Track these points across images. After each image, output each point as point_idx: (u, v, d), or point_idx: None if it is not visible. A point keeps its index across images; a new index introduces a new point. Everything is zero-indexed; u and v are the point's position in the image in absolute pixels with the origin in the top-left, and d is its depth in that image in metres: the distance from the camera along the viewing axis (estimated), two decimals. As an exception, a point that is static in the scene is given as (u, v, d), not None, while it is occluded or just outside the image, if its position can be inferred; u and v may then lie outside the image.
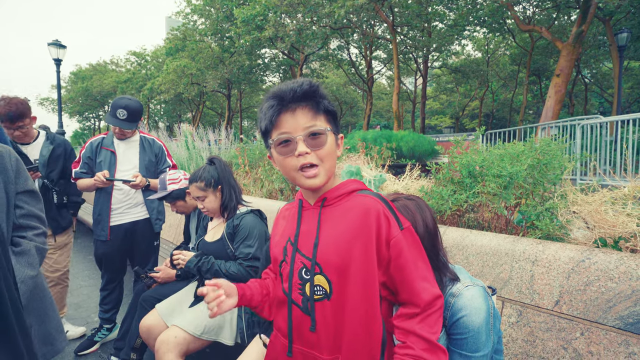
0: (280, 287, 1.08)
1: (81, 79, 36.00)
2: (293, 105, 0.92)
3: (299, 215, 1.07)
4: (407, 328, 0.94)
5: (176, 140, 7.29)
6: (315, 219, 1.02)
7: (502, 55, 26.14)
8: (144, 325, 2.00)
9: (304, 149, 0.92)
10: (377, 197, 1.00)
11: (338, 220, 0.99)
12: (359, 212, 0.97)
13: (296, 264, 1.02)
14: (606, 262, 1.48)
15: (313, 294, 0.97)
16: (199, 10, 21.25)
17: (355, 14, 15.95)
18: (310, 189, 1.00)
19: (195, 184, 2.09)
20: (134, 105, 2.59)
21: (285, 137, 0.93)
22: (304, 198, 1.09)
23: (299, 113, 0.93)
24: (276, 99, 0.93)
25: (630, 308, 1.36)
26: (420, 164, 3.55)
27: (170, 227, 4.63)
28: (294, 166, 0.94)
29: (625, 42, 11.74)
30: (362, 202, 0.98)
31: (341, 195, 1.01)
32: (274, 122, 0.94)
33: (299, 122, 0.92)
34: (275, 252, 1.11)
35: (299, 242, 1.03)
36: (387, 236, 0.95)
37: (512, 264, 1.75)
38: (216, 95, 31.41)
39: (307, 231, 1.02)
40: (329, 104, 0.97)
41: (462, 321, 1.12)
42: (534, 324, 1.61)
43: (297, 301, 1.00)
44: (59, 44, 11.91)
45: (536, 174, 2.26)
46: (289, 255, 1.04)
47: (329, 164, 0.97)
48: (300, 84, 0.92)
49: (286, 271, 1.04)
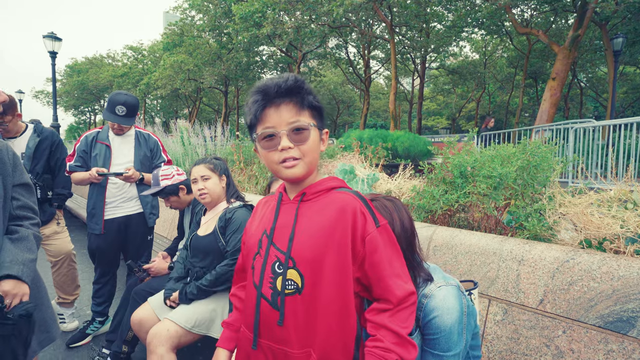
0: (251, 280, 1.06)
1: (77, 72, 35.70)
2: (277, 101, 0.93)
3: (277, 208, 1.06)
4: (378, 322, 0.96)
5: (172, 136, 7.28)
6: (293, 213, 1.02)
7: (500, 58, 26.26)
8: (136, 318, 2.02)
9: (287, 143, 0.93)
10: (355, 195, 1.02)
11: (315, 216, 0.99)
12: (335, 208, 0.98)
13: (270, 257, 1.01)
14: (589, 262, 1.52)
15: (285, 288, 0.97)
16: (197, 6, 21.14)
17: (354, 13, 15.96)
18: (289, 180, 1.01)
19: (204, 164, 2.14)
20: (131, 101, 2.60)
21: (269, 131, 0.94)
22: (284, 192, 1.09)
23: (283, 108, 0.94)
24: (261, 94, 0.94)
25: (610, 307, 1.40)
26: (414, 164, 3.58)
27: (164, 222, 4.64)
28: (277, 159, 0.95)
29: (620, 47, 11.85)
30: (339, 198, 1.00)
31: (320, 191, 1.02)
32: (259, 116, 0.95)
33: (282, 117, 0.93)
34: (250, 243, 1.11)
35: (274, 235, 1.03)
36: (363, 232, 0.96)
37: (500, 263, 1.79)
38: (213, 91, 31.32)
39: (284, 225, 1.02)
40: (314, 99, 0.97)
41: (434, 322, 1.13)
42: (518, 322, 1.65)
43: (267, 295, 0.99)
44: (54, 36, 11.81)
45: (525, 175, 2.30)
46: (264, 248, 1.03)
47: (310, 158, 0.97)
48: (285, 79, 0.93)
49: (259, 264, 1.03)
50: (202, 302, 1.98)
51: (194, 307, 1.94)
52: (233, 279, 1.28)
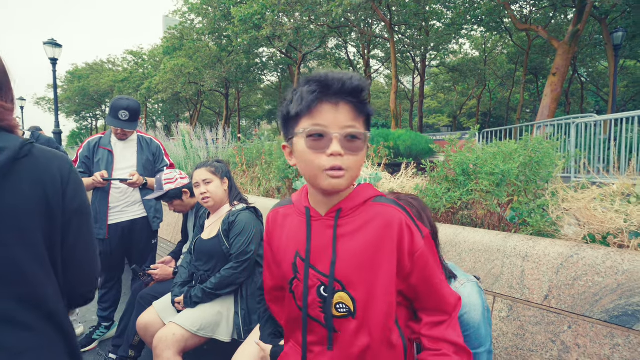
0: (294, 304, 0.99)
1: (77, 78, 35.84)
2: (337, 98, 0.82)
3: (308, 226, 0.95)
4: (437, 336, 0.93)
5: (174, 140, 7.31)
6: (330, 233, 0.92)
7: (500, 54, 26.19)
8: (142, 323, 2.03)
9: (339, 149, 0.82)
10: (396, 205, 0.93)
11: (357, 234, 0.91)
12: (380, 224, 0.90)
13: (311, 280, 0.93)
14: (594, 257, 1.52)
15: (330, 310, 0.91)
16: (197, 9, 21.20)
17: (353, 13, 15.96)
18: (328, 192, 0.89)
19: (205, 168, 2.14)
20: (134, 106, 2.62)
21: (321, 130, 0.82)
22: (311, 206, 0.97)
23: (342, 108, 0.83)
24: (320, 85, 0.82)
25: (615, 301, 1.40)
26: (416, 163, 3.58)
27: (168, 226, 4.65)
28: (321, 165, 0.83)
29: (620, 41, 11.81)
30: (381, 212, 0.91)
31: (357, 205, 0.93)
32: (312, 109, 0.82)
33: (339, 118, 0.82)
34: (283, 267, 1.01)
35: (311, 257, 0.93)
36: (411, 248, 0.89)
37: (504, 260, 1.79)
38: (214, 94, 31.37)
39: (321, 246, 0.93)
40: (371, 108, 0.88)
41: (463, 319, 1.15)
42: (524, 318, 1.65)
43: (320, 319, 0.94)
44: (54, 43, 11.87)
45: (528, 171, 2.30)
46: (301, 272, 0.95)
47: (356, 172, 0.87)
48: (350, 77, 0.82)
49: (299, 289, 0.96)
50: (207, 305, 1.99)
51: (200, 310, 1.95)
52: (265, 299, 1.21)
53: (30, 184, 0.78)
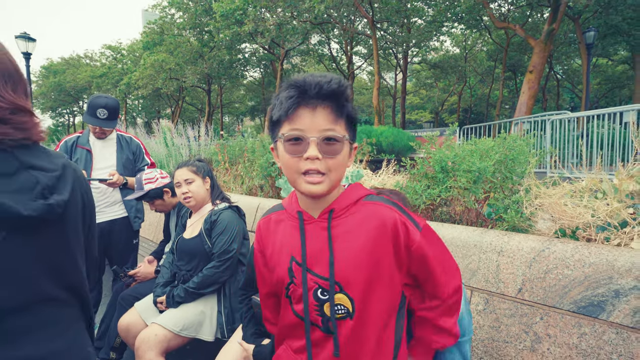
0: (290, 310, 0.99)
1: (53, 73, 34.65)
2: (314, 102, 0.83)
3: (301, 230, 0.95)
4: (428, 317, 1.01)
5: (155, 137, 7.18)
6: (325, 235, 0.93)
7: (479, 52, 26.72)
8: (123, 324, 2.01)
9: (315, 153, 0.83)
10: (388, 203, 0.94)
11: (351, 234, 0.92)
12: (374, 224, 0.91)
13: (309, 284, 0.94)
14: (563, 251, 1.59)
15: (334, 313, 0.92)
16: (177, 4, 20.79)
17: (336, 10, 15.97)
18: (308, 196, 0.90)
19: (187, 167, 2.13)
20: (112, 104, 2.57)
21: (298, 134, 0.83)
22: (302, 209, 0.97)
23: (320, 112, 0.84)
24: (297, 90, 0.83)
25: (582, 293, 1.48)
26: (397, 159, 3.64)
27: (150, 226, 4.59)
28: (298, 168, 0.85)
29: (592, 40, 12.22)
30: (374, 211, 0.92)
31: (349, 205, 0.94)
32: (290, 114, 0.84)
33: (316, 122, 0.83)
34: (278, 273, 1.00)
35: (307, 261, 0.94)
36: (408, 243, 0.91)
37: (480, 255, 1.85)
38: (196, 90, 30.90)
39: (317, 249, 0.93)
40: (352, 108, 0.88)
41: None
42: (499, 311, 1.72)
43: (317, 322, 0.94)
44: (27, 36, 11.44)
45: (503, 168, 2.37)
46: (298, 277, 0.95)
47: (336, 174, 0.87)
48: (328, 80, 0.83)
49: (297, 293, 0.96)
50: (190, 304, 1.99)
51: (182, 310, 1.95)
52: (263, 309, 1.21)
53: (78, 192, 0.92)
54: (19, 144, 0.81)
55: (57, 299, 0.86)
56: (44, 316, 0.83)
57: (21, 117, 0.84)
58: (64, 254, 0.87)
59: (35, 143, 0.87)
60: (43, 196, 0.79)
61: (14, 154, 0.80)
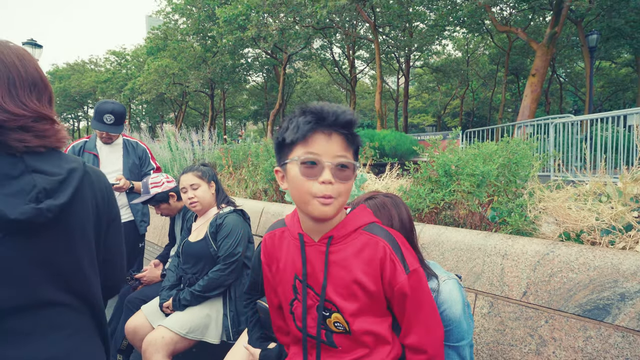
0: (293, 325, 1.07)
1: (58, 78, 34.99)
2: (330, 129, 0.88)
3: (302, 252, 1.01)
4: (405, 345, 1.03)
5: (159, 142, 7.23)
6: (321, 259, 0.99)
7: (482, 55, 26.73)
8: (130, 327, 2.03)
9: (329, 177, 0.87)
10: (384, 237, 0.98)
11: (347, 262, 0.97)
12: (367, 256, 0.96)
13: (310, 300, 1.02)
14: (568, 254, 1.60)
15: (335, 328, 1.01)
16: (180, 10, 20.96)
17: (338, 14, 16.04)
18: (317, 218, 0.94)
19: (192, 172, 2.14)
20: (119, 109, 2.61)
21: (313, 157, 0.88)
22: (304, 232, 1.02)
23: (334, 139, 0.89)
24: (315, 116, 0.88)
25: (588, 296, 1.48)
26: (401, 163, 3.65)
27: (154, 229, 4.62)
28: (312, 191, 0.88)
29: (595, 43, 12.22)
30: (369, 244, 0.97)
31: (347, 234, 0.98)
32: (307, 138, 0.88)
33: (331, 148, 0.88)
34: (284, 288, 1.08)
35: (308, 279, 1.01)
36: (391, 280, 0.95)
37: (484, 258, 1.86)
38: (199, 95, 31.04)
39: (316, 269, 1.00)
40: (360, 140, 0.95)
41: (445, 314, 1.21)
42: (504, 314, 1.72)
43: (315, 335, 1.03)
44: (34, 43, 11.57)
45: (507, 172, 2.38)
46: (301, 293, 1.03)
47: (344, 199, 0.93)
48: (343, 110, 0.89)
49: (299, 309, 1.04)
50: (196, 307, 2.00)
51: (188, 313, 1.96)
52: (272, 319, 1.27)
53: (89, 198, 0.91)
54: (30, 150, 0.82)
55: (62, 304, 0.86)
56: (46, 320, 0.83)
57: (43, 124, 0.85)
58: (66, 259, 0.86)
59: (52, 149, 0.88)
60: (37, 200, 0.79)
61: (23, 158, 0.81)
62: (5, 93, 0.81)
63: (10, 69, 0.84)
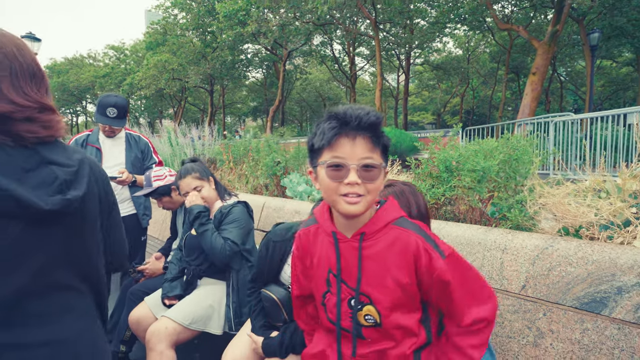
0: (324, 316, 1.13)
1: (56, 73, 34.87)
2: (354, 132, 0.92)
3: (336, 249, 1.06)
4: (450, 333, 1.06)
5: (159, 137, 7.23)
6: (355, 255, 1.03)
7: (482, 53, 26.70)
8: (134, 317, 2.05)
9: (355, 179, 0.91)
10: (414, 230, 1.01)
11: (380, 256, 1.01)
12: (399, 250, 1.00)
13: (343, 294, 1.06)
14: (567, 249, 1.62)
15: (365, 321, 1.05)
16: (180, 4, 20.90)
17: (338, 11, 16.02)
18: (346, 215, 0.98)
19: (191, 176, 2.13)
20: (122, 103, 2.62)
21: (339, 161, 0.92)
22: (337, 229, 1.06)
23: (359, 142, 0.92)
24: (338, 121, 0.92)
25: (585, 289, 1.51)
26: (401, 160, 3.67)
27: (155, 223, 4.63)
28: (340, 191, 0.93)
29: (596, 41, 12.22)
30: (400, 237, 1.00)
31: (379, 229, 1.02)
32: (332, 143, 0.92)
33: (356, 150, 0.92)
34: (317, 282, 1.13)
35: (342, 274, 1.05)
36: (430, 269, 0.98)
37: (484, 252, 1.88)
38: (198, 90, 31.00)
39: (349, 265, 1.04)
40: (387, 139, 0.97)
41: None
42: (503, 307, 1.75)
43: (348, 328, 1.07)
44: (33, 37, 11.52)
45: (507, 168, 2.40)
46: (334, 286, 1.08)
47: (373, 196, 0.96)
48: (367, 112, 0.91)
49: (331, 302, 1.09)
50: (199, 298, 2.03)
51: (192, 304, 1.99)
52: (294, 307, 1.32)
53: (94, 185, 0.94)
54: (41, 140, 0.84)
55: (72, 288, 0.90)
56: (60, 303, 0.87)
57: (47, 115, 0.87)
58: (78, 245, 0.90)
59: (57, 139, 0.90)
60: (61, 191, 0.82)
61: (37, 149, 0.83)
62: (9, 84, 0.81)
63: (11, 59, 0.83)
